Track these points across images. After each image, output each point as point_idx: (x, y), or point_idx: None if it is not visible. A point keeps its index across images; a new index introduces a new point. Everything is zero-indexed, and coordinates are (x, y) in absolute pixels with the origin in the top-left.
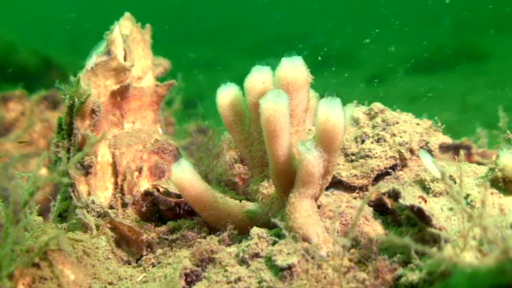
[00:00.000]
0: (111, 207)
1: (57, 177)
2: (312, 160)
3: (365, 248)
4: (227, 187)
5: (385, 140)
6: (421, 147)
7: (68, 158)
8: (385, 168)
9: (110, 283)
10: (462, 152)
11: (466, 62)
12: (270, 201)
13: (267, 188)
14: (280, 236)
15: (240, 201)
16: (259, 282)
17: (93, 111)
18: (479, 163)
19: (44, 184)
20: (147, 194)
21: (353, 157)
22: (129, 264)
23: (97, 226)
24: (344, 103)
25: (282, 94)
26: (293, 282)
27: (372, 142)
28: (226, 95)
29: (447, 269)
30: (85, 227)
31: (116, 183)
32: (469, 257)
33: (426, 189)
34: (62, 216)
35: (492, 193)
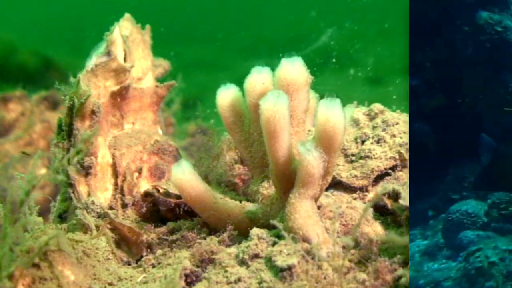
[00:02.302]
0: (111, 208)
1: (52, 175)
2: (312, 160)
3: (365, 248)
4: (227, 188)
5: (385, 141)
6: None
7: (68, 159)
8: (385, 168)
9: (110, 284)
10: None
11: None
12: (270, 201)
13: (267, 189)
14: (280, 237)
15: (240, 202)
16: (259, 283)
17: (93, 112)
18: None
19: (40, 183)
20: (147, 195)
21: (353, 158)
22: (129, 264)
23: (97, 227)
24: (344, 103)
25: (282, 94)
26: (293, 282)
27: (372, 143)
28: (225, 96)
29: None
30: (85, 228)
31: (116, 184)
32: None
33: None
34: (62, 217)
35: None
